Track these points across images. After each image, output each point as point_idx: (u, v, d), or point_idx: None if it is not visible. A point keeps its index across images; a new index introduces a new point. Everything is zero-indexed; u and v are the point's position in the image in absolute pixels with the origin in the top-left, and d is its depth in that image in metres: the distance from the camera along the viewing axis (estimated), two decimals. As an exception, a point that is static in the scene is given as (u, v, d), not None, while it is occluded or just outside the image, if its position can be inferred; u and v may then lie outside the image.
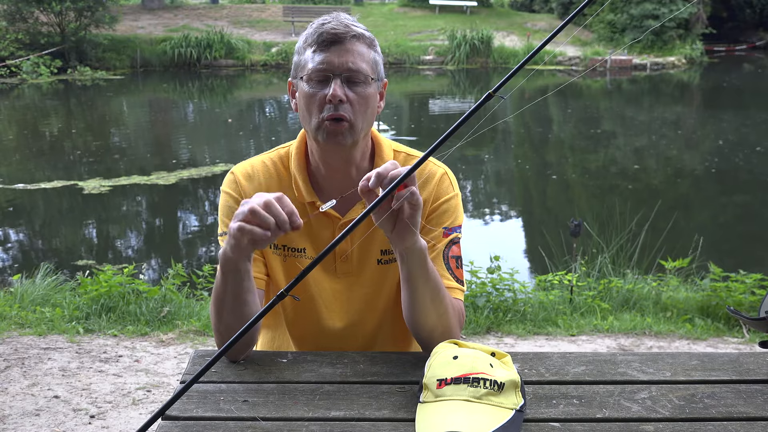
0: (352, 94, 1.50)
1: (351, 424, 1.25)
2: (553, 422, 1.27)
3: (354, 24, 1.53)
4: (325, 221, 1.62)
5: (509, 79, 1.33)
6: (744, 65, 24.72)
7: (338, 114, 1.50)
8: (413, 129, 14.01)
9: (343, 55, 1.49)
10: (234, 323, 1.46)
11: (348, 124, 1.51)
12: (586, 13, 12.65)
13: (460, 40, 22.46)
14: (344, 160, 1.59)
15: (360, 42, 1.52)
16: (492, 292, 4.75)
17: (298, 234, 1.62)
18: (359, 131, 1.54)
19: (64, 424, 3.18)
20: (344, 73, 1.50)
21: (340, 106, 1.50)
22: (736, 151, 11.89)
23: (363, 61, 1.51)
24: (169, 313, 4.52)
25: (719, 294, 4.74)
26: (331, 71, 1.49)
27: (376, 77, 1.55)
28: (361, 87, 1.51)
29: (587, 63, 22.22)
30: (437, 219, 1.62)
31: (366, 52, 1.53)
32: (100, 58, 20.66)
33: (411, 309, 1.49)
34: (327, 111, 1.50)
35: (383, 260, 1.64)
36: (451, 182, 1.66)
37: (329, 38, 1.49)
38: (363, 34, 1.53)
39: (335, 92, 1.48)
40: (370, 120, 1.57)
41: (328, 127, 1.51)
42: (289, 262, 1.64)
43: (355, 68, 1.50)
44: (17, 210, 8.57)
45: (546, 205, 9.62)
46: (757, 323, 1.45)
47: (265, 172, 1.64)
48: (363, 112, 1.53)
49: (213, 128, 14.55)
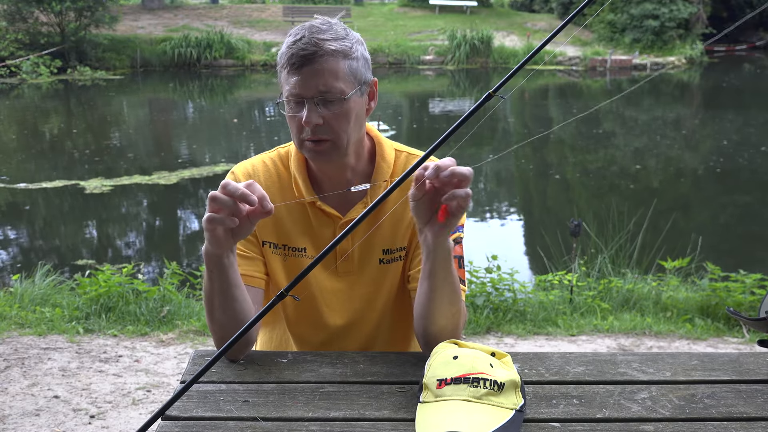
0: (328, 112, 1.48)
1: (351, 424, 1.25)
2: (553, 422, 1.27)
3: (325, 38, 1.46)
4: (326, 220, 1.62)
5: (509, 79, 1.33)
6: (744, 65, 24.72)
7: (317, 137, 1.49)
8: (414, 129, 14.01)
9: (313, 78, 1.46)
10: (226, 320, 1.46)
11: (330, 143, 1.51)
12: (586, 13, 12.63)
13: (460, 40, 22.47)
14: (336, 168, 1.59)
15: (332, 58, 1.46)
16: (492, 292, 4.75)
17: (299, 233, 1.62)
18: (343, 146, 1.53)
19: (64, 424, 3.18)
20: (316, 96, 1.47)
21: (317, 128, 1.48)
22: (735, 151, 11.90)
23: (336, 79, 1.47)
24: (169, 313, 4.52)
25: (719, 294, 4.74)
26: (302, 95, 1.47)
27: (357, 85, 1.51)
28: (337, 105, 1.48)
29: (587, 63, 22.23)
30: None
31: (340, 66, 1.47)
32: (100, 58, 20.66)
33: (427, 306, 1.47)
34: (306, 133, 1.50)
35: (385, 260, 1.64)
36: None
37: (298, 61, 1.46)
38: (335, 49, 1.46)
39: (309, 118, 1.47)
40: (356, 129, 1.55)
41: (310, 147, 1.52)
42: (289, 262, 1.64)
43: (326, 89, 1.46)
44: (17, 210, 8.57)
45: (546, 204, 9.62)
46: (757, 323, 1.45)
47: (265, 172, 1.64)
48: (344, 129, 1.50)
49: (213, 128, 14.56)
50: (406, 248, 1.65)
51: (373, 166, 1.63)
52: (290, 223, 1.62)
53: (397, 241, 1.64)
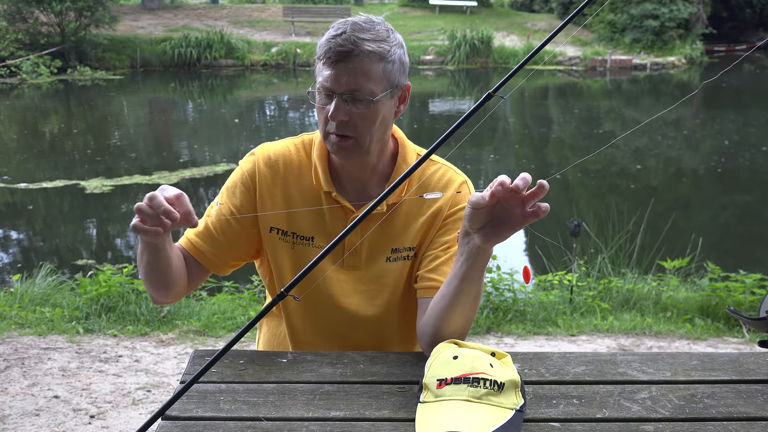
0: (355, 110, 1.50)
1: (351, 424, 1.25)
2: (553, 422, 1.27)
3: (365, 37, 1.48)
4: (339, 213, 1.63)
5: (509, 79, 1.33)
6: (744, 65, 24.71)
7: (341, 132, 1.51)
8: (414, 129, 14.00)
9: (345, 75, 1.48)
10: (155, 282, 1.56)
11: (353, 140, 1.53)
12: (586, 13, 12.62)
13: (460, 40, 22.46)
14: (357, 163, 1.61)
15: (367, 58, 1.48)
16: (492, 292, 4.75)
17: (310, 223, 1.63)
18: (365, 145, 1.54)
19: (64, 424, 3.18)
20: (345, 93, 1.49)
21: (342, 124, 1.50)
22: (735, 151, 11.90)
23: (368, 80, 1.48)
24: (168, 313, 4.52)
25: (719, 294, 4.74)
26: (332, 89, 1.49)
27: (389, 88, 1.52)
28: (364, 105, 1.50)
29: (587, 63, 22.23)
30: (453, 224, 1.63)
31: (375, 68, 1.49)
32: (100, 58, 20.65)
33: (449, 308, 1.46)
34: (331, 127, 1.52)
35: (392, 258, 1.64)
36: (470, 191, 1.67)
37: (335, 56, 1.47)
38: (372, 50, 1.48)
39: (334, 114, 1.49)
40: (380, 132, 1.56)
41: (334, 141, 1.54)
42: (297, 250, 1.64)
43: (356, 88, 1.48)
44: (18, 210, 8.58)
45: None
46: (757, 323, 1.45)
47: (286, 157, 1.66)
48: (368, 129, 1.52)
49: (214, 128, 14.56)
50: (415, 249, 1.65)
51: (393, 167, 1.65)
52: (303, 212, 1.63)
53: (407, 241, 1.64)
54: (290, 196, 1.63)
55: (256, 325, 1.54)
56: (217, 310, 4.57)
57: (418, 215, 1.63)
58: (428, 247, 1.64)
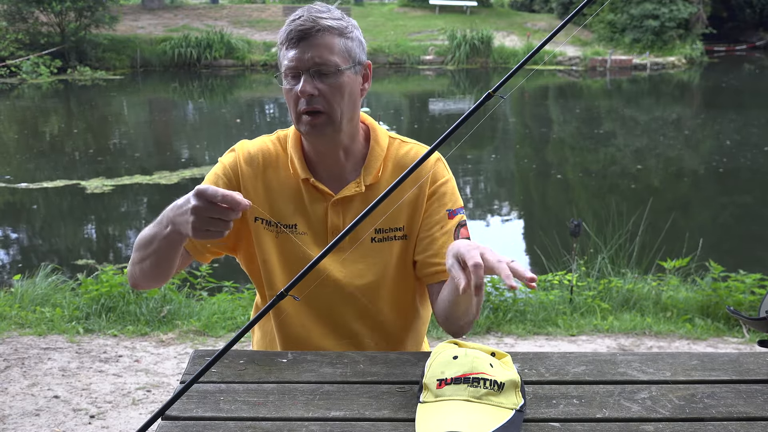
0: (323, 86, 1.55)
1: (351, 424, 1.25)
2: (553, 422, 1.27)
3: (322, 16, 1.56)
4: (319, 197, 1.66)
5: (509, 78, 1.33)
6: (744, 65, 24.72)
7: (312, 107, 1.55)
8: (414, 129, 14.00)
9: (309, 50, 1.54)
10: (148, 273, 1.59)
11: (325, 116, 1.57)
12: (586, 13, 12.63)
13: (460, 40, 22.46)
14: (329, 145, 1.64)
15: (328, 34, 1.55)
16: (492, 292, 4.75)
17: (291, 210, 1.66)
18: (338, 119, 1.58)
19: (64, 424, 3.18)
20: (312, 67, 1.54)
21: (313, 99, 1.55)
22: (735, 151, 11.90)
23: (331, 53, 1.55)
24: (169, 313, 4.52)
25: (719, 294, 4.74)
26: (299, 68, 1.55)
27: (352, 63, 1.58)
28: (332, 78, 1.55)
29: (587, 63, 22.23)
30: (438, 201, 1.66)
31: (336, 42, 1.56)
32: (100, 58, 20.66)
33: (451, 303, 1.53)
34: (302, 105, 1.56)
35: (377, 238, 1.66)
36: (445, 166, 1.72)
37: (296, 35, 1.54)
38: (330, 26, 1.55)
39: (303, 88, 1.54)
40: (350, 106, 1.60)
41: (306, 120, 1.57)
42: (281, 239, 1.66)
43: (321, 61, 1.54)
44: (18, 209, 8.58)
45: (546, 204, 9.62)
46: (757, 323, 1.45)
47: (265, 152, 1.70)
48: (338, 102, 1.57)
49: (214, 128, 14.57)
50: (404, 230, 1.67)
51: (368, 149, 1.68)
52: (283, 200, 1.66)
53: (391, 222, 1.66)
54: (271, 188, 1.67)
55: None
56: (217, 310, 4.58)
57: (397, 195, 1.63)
58: (421, 229, 1.67)
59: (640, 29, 23.42)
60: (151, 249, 1.54)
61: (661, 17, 23.11)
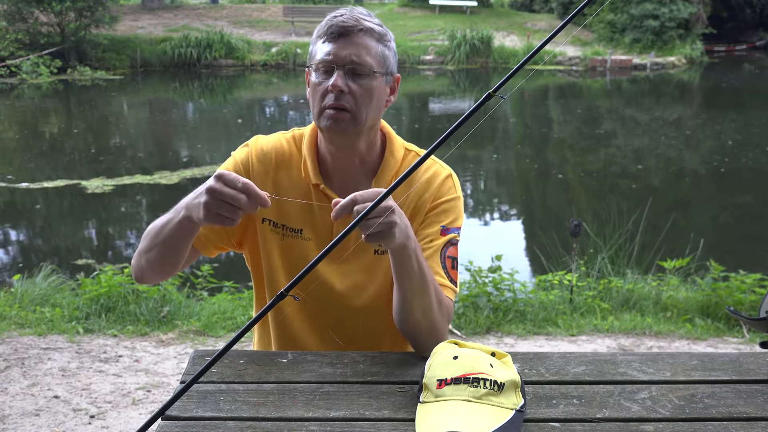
0: (355, 85, 1.54)
1: (351, 424, 1.25)
2: (553, 422, 1.27)
3: (365, 18, 1.56)
4: (327, 206, 1.63)
5: (509, 79, 1.33)
6: (744, 65, 24.71)
7: (339, 104, 1.54)
8: (414, 129, 14.00)
9: (348, 48, 1.53)
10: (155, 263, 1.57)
11: (350, 115, 1.55)
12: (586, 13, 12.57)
13: (460, 40, 22.45)
14: (347, 148, 1.62)
15: (368, 36, 1.55)
16: (492, 292, 4.75)
17: (299, 215, 1.65)
18: (362, 121, 1.57)
19: (64, 424, 3.18)
20: (348, 65, 1.54)
21: (342, 96, 1.54)
22: (736, 151, 11.89)
23: (368, 55, 1.55)
24: (168, 313, 4.52)
25: (719, 294, 4.74)
26: (335, 62, 1.54)
27: (384, 71, 1.58)
28: (365, 80, 1.55)
29: (587, 63, 22.22)
30: (435, 217, 1.65)
31: (374, 45, 1.56)
32: (100, 58, 20.64)
33: (396, 302, 1.54)
34: (329, 100, 1.55)
35: (380, 251, 1.65)
36: (455, 184, 1.69)
37: (337, 30, 1.54)
38: (372, 28, 1.56)
39: (336, 82, 1.53)
40: (375, 112, 1.60)
41: (330, 114, 1.55)
42: (286, 242, 1.66)
43: (358, 61, 1.54)
44: (19, 209, 8.58)
45: (546, 204, 9.62)
46: (757, 323, 1.45)
47: (278, 150, 1.68)
48: (366, 104, 1.56)
49: (214, 128, 14.56)
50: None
51: (382, 159, 1.67)
52: (292, 204, 1.65)
53: None
54: (281, 188, 1.66)
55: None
56: (217, 310, 4.58)
57: (402, 208, 1.63)
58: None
59: (640, 29, 23.41)
60: (161, 237, 1.53)
61: (661, 17, 23.10)
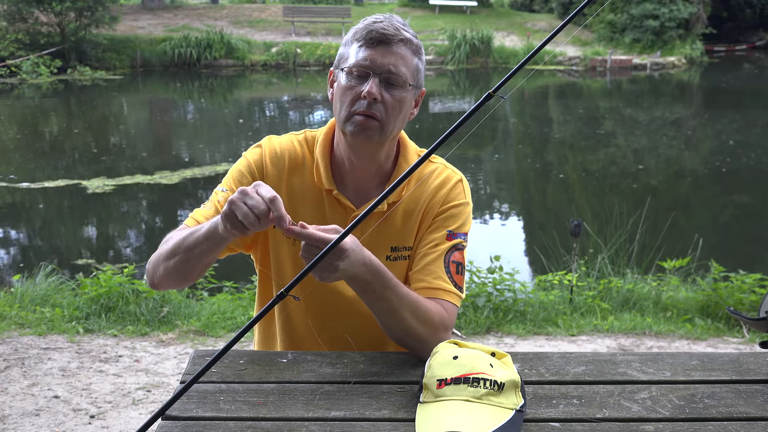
0: (387, 95, 1.53)
1: (351, 424, 1.25)
2: (553, 422, 1.27)
3: (404, 28, 1.55)
4: (340, 211, 1.63)
5: (509, 79, 1.33)
6: (744, 65, 24.71)
7: (370, 111, 1.52)
8: (414, 129, 14.01)
9: (386, 56, 1.52)
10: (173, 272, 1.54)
11: (378, 124, 1.54)
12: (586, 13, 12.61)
13: (460, 40, 22.44)
14: (368, 156, 1.61)
15: (406, 47, 1.54)
16: (492, 292, 4.75)
17: (311, 220, 1.62)
18: (388, 132, 1.56)
19: (64, 424, 3.18)
20: (384, 73, 1.52)
21: (374, 104, 1.52)
22: (735, 152, 11.89)
23: (405, 66, 1.54)
24: (168, 313, 4.52)
25: (719, 294, 4.74)
26: (371, 69, 1.52)
27: (415, 84, 1.58)
28: (398, 90, 1.54)
29: (587, 63, 22.22)
30: (442, 221, 1.64)
31: (410, 57, 1.55)
32: (100, 58, 20.63)
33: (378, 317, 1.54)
34: (360, 106, 1.53)
35: (392, 257, 1.64)
36: (464, 190, 1.68)
37: (377, 37, 1.52)
38: (411, 39, 1.55)
39: (371, 90, 1.51)
40: (400, 124, 1.59)
41: (359, 120, 1.53)
42: (297, 246, 1.64)
43: (395, 71, 1.52)
44: (19, 209, 8.58)
45: (546, 204, 9.62)
46: (757, 323, 1.45)
47: (291, 153, 1.67)
48: (395, 115, 1.55)
49: (214, 128, 14.56)
50: (411, 248, 1.66)
51: (395, 167, 1.66)
52: (304, 208, 1.64)
53: (406, 240, 1.64)
54: (294, 195, 1.64)
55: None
56: (217, 310, 4.57)
57: (414, 213, 1.64)
58: (418, 244, 1.65)
59: (640, 29, 23.40)
60: (187, 244, 1.50)
61: (661, 17, 23.09)
